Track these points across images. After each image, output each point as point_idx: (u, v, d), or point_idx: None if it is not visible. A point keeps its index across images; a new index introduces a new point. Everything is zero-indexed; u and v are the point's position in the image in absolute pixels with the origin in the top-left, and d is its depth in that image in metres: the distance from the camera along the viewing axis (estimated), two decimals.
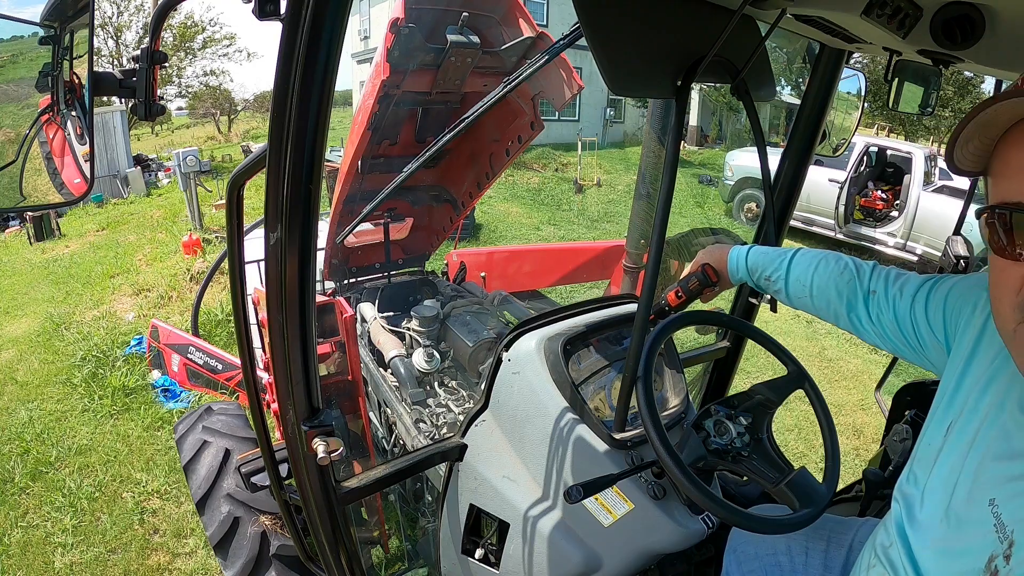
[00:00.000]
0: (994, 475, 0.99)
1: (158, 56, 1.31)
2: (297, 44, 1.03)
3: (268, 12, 1.05)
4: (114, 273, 9.23)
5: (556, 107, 3.21)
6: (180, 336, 4.94)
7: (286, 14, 1.03)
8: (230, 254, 1.46)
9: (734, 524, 1.41)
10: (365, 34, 28.04)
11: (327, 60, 1.05)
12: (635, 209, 3.71)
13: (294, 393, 1.38)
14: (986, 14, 1.32)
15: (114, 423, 5.09)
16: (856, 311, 1.51)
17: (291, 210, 1.15)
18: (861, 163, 11.78)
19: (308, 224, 1.17)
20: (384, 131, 3.41)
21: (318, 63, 1.04)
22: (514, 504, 1.83)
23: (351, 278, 4.09)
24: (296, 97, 1.06)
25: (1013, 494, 0.95)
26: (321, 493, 1.57)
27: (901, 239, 11.10)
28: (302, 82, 1.05)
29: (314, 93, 1.07)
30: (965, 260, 2.76)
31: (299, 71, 1.04)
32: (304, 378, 1.37)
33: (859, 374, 6.46)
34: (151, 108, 1.34)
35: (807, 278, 1.61)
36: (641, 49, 1.37)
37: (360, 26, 28.23)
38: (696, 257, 1.87)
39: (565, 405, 1.78)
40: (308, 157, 1.11)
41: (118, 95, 1.33)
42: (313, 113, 1.08)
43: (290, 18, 1.02)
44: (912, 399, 2.60)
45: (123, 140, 17.21)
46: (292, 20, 1.02)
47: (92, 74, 1.28)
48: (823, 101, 2.24)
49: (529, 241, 11.49)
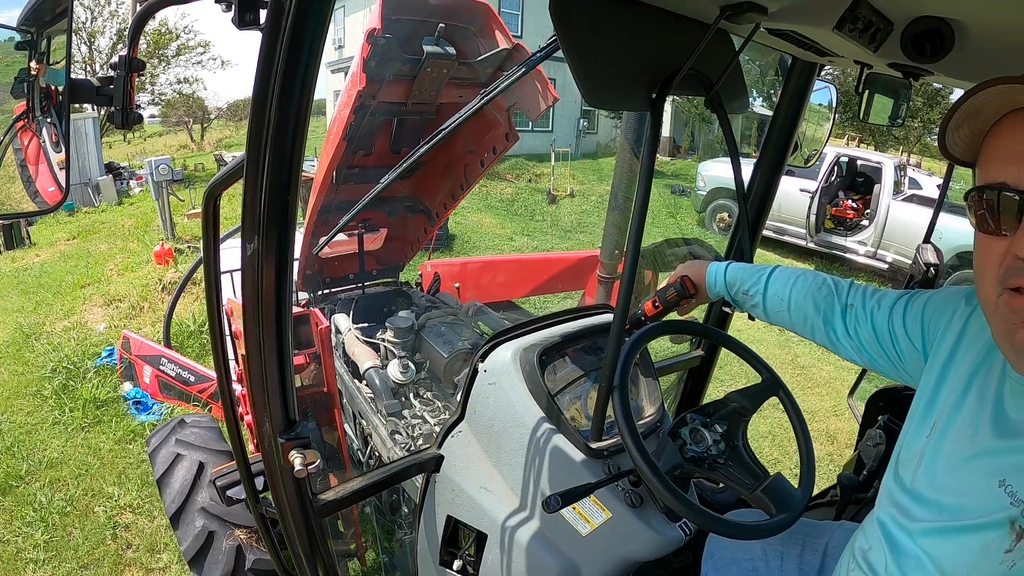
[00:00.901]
0: (996, 458, 1.03)
1: (136, 64, 1.31)
2: (277, 54, 1.02)
3: (248, 21, 1.05)
4: (85, 283, 9.08)
5: (531, 118, 3.23)
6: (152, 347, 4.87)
7: (266, 23, 1.02)
8: (205, 265, 1.45)
9: (711, 530, 1.42)
10: (340, 43, 27.99)
11: (307, 70, 1.04)
12: (609, 220, 3.75)
13: (270, 405, 1.37)
14: (955, 28, 1.35)
15: (85, 436, 5.00)
16: (833, 324, 1.54)
17: (268, 221, 1.13)
18: (832, 173, 11.99)
19: (285, 235, 1.16)
20: (359, 141, 3.40)
21: (298, 73, 1.04)
22: (491, 515, 1.82)
23: (325, 289, 4.07)
24: (275, 107, 1.06)
25: (1015, 469, 0.99)
26: (298, 506, 1.55)
27: (872, 248, 11.29)
28: (281, 92, 1.05)
29: (293, 103, 1.06)
30: (935, 268, 2.81)
31: (278, 81, 1.04)
32: (281, 390, 1.35)
33: (832, 381, 6.55)
34: (128, 116, 1.33)
35: (785, 292, 1.63)
36: (617, 62, 1.39)
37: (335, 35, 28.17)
38: (676, 270, 1.89)
39: (541, 415, 1.78)
40: (286, 168, 1.10)
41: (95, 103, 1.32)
42: (292, 123, 1.07)
43: (270, 28, 1.02)
44: (884, 404, 2.64)
45: (95, 147, 16.97)
46: (272, 29, 1.01)
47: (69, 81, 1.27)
48: (795, 113, 2.28)
49: (503, 252, 11.49)
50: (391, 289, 4.10)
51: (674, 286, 1.84)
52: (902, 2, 1.33)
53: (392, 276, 4.42)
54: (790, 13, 1.40)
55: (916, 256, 2.89)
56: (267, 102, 1.06)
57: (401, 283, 4.33)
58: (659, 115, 1.47)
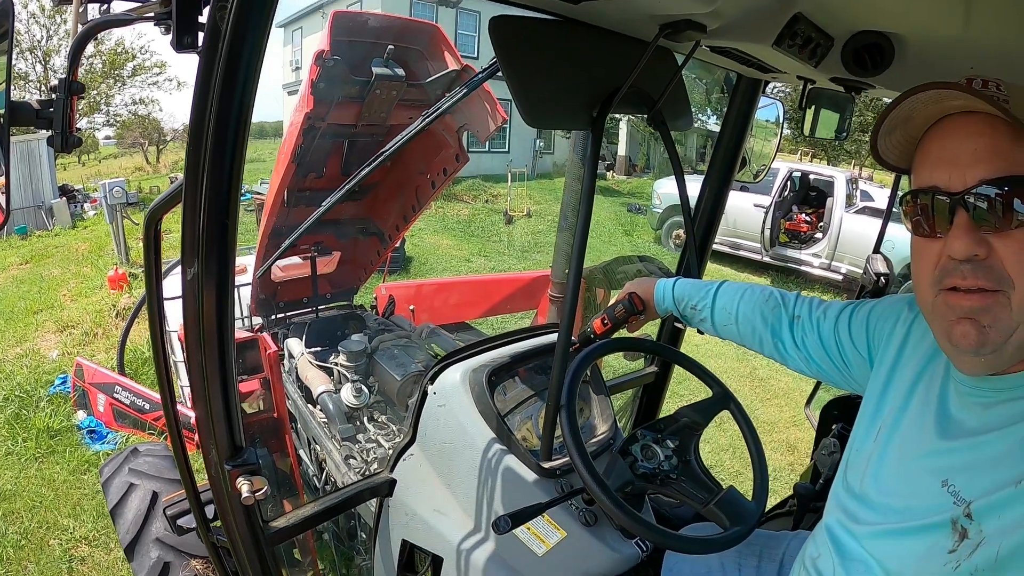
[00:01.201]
0: (939, 458, 1.05)
1: (76, 87, 1.28)
2: (213, 77, 1.02)
3: (186, 45, 1.04)
4: (38, 309, 8.90)
5: (480, 139, 3.25)
6: (106, 375, 4.79)
7: (203, 47, 1.02)
8: (148, 290, 1.43)
9: (664, 546, 1.42)
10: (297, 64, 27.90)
11: (244, 92, 1.04)
12: (560, 239, 3.79)
13: (216, 432, 1.34)
14: (895, 41, 1.40)
15: (39, 466, 4.87)
16: (781, 336, 1.56)
17: (207, 245, 1.12)
18: (785, 188, 12.21)
19: (225, 259, 1.15)
20: (310, 164, 3.39)
21: (235, 96, 1.03)
22: (446, 538, 1.80)
23: (279, 313, 4.02)
24: (212, 131, 1.05)
25: (957, 469, 1.00)
26: (248, 534, 1.53)
27: (826, 259, 11.52)
28: (218, 116, 1.04)
29: (230, 127, 1.05)
30: (886, 277, 2.86)
31: (215, 103, 1.03)
32: (226, 416, 1.33)
33: (790, 392, 6.62)
34: (67, 140, 1.30)
35: (733, 306, 1.65)
36: (558, 82, 1.40)
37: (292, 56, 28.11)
38: (624, 287, 1.90)
39: (492, 436, 1.78)
40: (224, 191, 1.09)
41: (35, 126, 1.29)
42: (229, 147, 1.06)
43: (206, 51, 1.01)
44: (839, 413, 2.67)
45: (49, 170, 16.58)
46: (209, 53, 1.01)
47: (9, 103, 1.25)
48: (741, 129, 2.32)
49: (460, 273, 11.46)
50: (345, 312, 4.08)
51: (622, 303, 1.84)
52: (841, 17, 1.37)
53: (346, 299, 4.40)
54: (729, 30, 1.43)
55: (867, 266, 2.95)
56: (204, 125, 1.05)
57: (355, 306, 4.31)
58: (600, 134, 1.48)
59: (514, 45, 1.31)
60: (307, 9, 26.82)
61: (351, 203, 3.62)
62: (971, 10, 1.13)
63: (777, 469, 5.01)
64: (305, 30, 26.48)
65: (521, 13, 1.36)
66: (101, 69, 27.47)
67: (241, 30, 0.98)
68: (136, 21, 1.24)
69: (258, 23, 0.99)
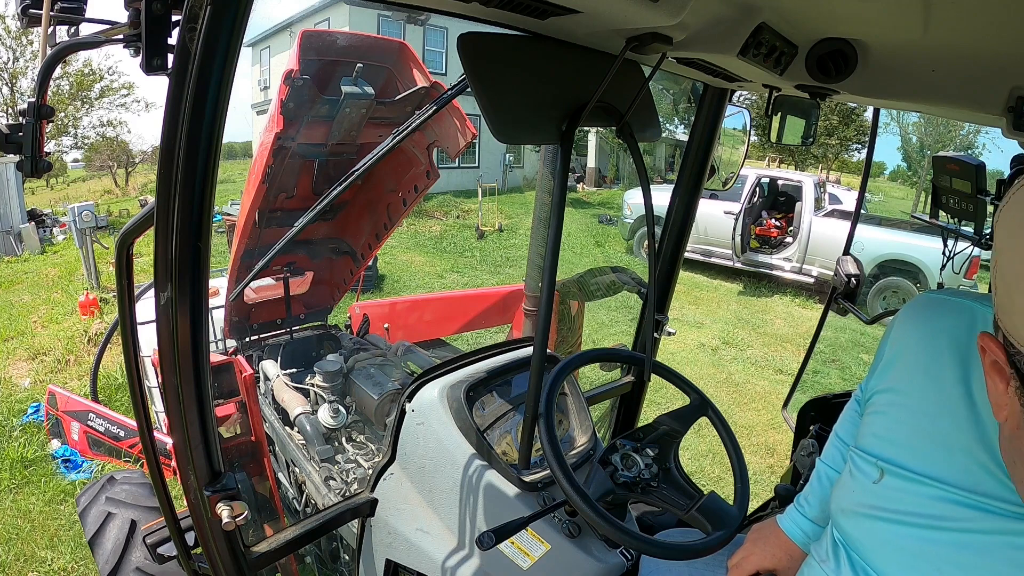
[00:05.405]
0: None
1: (45, 110, 1.27)
2: (184, 99, 1.01)
3: (155, 67, 1.04)
4: (8, 336, 8.73)
5: (451, 155, 3.25)
6: (79, 402, 4.71)
7: (173, 69, 1.01)
8: (121, 315, 1.41)
9: (647, 553, 1.43)
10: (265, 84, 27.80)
11: (214, 115, 1.03)
12: (532, 252, 3.79)
13: (194, 457, 1.33)
14: (858, 48, 1.43)
15: (14, 498, 4.77)
16: None
17: (181, 269, 1.11)
18: (754, 194, 12.38)
19: (198, 282, 1.14)
20: (280, 184, 3.37)
21: (205, 118, 1.03)
22: (430, 556, 1.80)
23: (253, 335, 3.98)
24: (183, 153, 1.04)
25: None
26: (230, 560, 1.51)
27: (797, 263, 11.69)
28: (189, 138, 1.03)
29: (201, 149, 1.05)
30: (856, 278, 2.90)
31: (186, 127, 1.03)
32: (203, 441, 1.32)
33: (767, 395, 6.68)
34: (37, 164, 1.29)
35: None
36: (526, 96, 1.41)
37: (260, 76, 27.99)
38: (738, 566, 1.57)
39: (472, 452, 1.78)
40: (196, 214, 1.08)
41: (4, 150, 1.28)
42: (200, 169, 1.06)
43: (176, 73, 1.01)
44: (816, 414, 2.70)
45: (16, 194, 16.35)
46: (179, 75, 1.00)
47: None
48: (709, 138, 2.35)
49: (433, 290, 11.44)
50: (319, 333, 4.05)
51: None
52: (804, 26, 1.39)
53: (320, 319, 4.36)
54: (695, 42, 1.45)
55: (837, 268, 2.99)
56: (175, 147, 1.04)
57: (330, 326, 4.27)
58: (569, 148, 1.49)
59: (482, 61, 1.32)
60: (275, 28, 26.80)
61: (323, 223, 3.60)
62: (930, 15, 1.15)
63: (757, 472, 5.05)
64: (273, 49, 26.40)
65: (489, 29, 1.37)
66: (68, 91, 27.23)
67: (211, 51, 0.98)
68: (105, 43, 1.23)
69: (228, 43, 0.99)
